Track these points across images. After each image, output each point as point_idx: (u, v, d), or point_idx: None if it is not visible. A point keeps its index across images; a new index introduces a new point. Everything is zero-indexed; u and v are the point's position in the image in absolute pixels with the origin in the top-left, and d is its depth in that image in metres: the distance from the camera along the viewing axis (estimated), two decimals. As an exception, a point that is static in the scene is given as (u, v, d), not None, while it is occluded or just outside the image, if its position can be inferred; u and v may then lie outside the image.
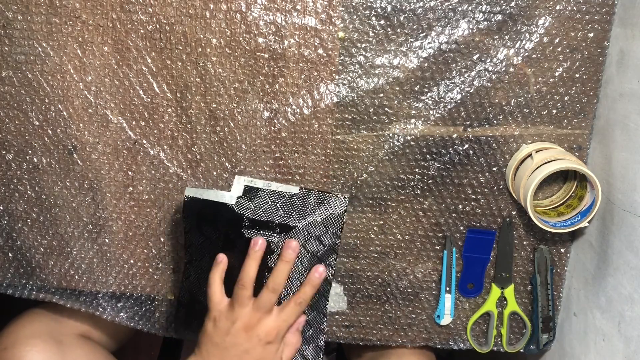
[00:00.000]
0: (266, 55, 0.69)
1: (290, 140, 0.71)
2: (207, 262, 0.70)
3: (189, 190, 0.70)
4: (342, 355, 0.97)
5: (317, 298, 0.72)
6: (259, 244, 0.66)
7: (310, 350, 0.73)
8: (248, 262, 0.66)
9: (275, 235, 0.69)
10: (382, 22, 0.67)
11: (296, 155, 0.72)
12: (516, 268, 0.75)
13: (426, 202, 0.73)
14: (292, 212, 0.70)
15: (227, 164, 0.72)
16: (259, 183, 0.71)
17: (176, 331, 0.77)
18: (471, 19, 0.66)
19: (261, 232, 0.69)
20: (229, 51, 0.69)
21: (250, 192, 0.70)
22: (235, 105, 0.71)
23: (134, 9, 0.68)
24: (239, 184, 0.71)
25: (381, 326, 0.79)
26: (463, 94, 0.69)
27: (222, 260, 0.67)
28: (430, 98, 0.69)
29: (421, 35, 0.67)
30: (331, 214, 0.70)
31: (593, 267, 0.69)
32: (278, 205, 0.70)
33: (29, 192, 0.75)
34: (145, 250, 0.77)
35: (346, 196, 0.71)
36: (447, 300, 0.76)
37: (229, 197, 0.70)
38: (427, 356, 0.81)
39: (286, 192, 0.70)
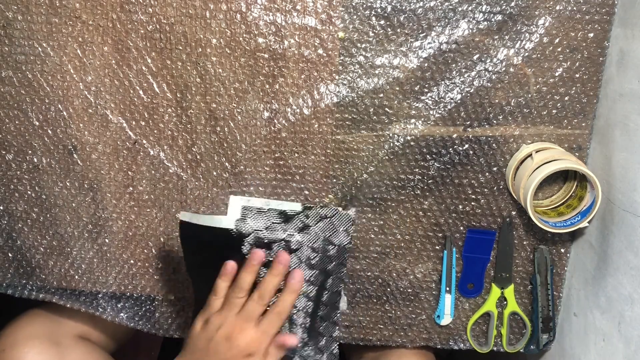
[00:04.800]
0: (266, 55, 0.69)
1: (290, 140, 0.71)
2: (211, 281, 0.67)
3: (183, 214, 0.66)
4: (342, 356, 0.97)
5: (327, 310, 0.72)
6: (257, 257, 0.64)
7: (325, 358, 0.73)
8: (243, 274, 0.64)
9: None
10: (382, 22, 0.67)
11: (296, 155, 0.72)
12: (516, 268, 0.75)
13: (426, 202, 0.73)
14: (295, 230, 0.67)
15: (227, 164, 0.72)
16: (256, 202, 0.67)
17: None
18: (471, 19, 0.66)
19: (265, 251, 0.66)
20: (229, 51, 0.69)
21: (248, 213, 0.66)
22: (235, 105, 0.71)
23: (134, 9, 0.68)
24: (235, 205, 0.66)
25: (381, 326, 0.79)
26: (463, 94, 0.69)
27: (230, 269, 0.64)
28: (430, 98, 0.69)
29: (421, 35, 0.67)
30: (335, 229, 0.69)
31: (593, 267, 0.69)
32: (279, 224, 0.67)
33: (29, 192, 0.75)
34: (145, 250, 0.77)
35: (351, 212, 0.69)
36: (447, 300, 0.76)
37: (227, 221, 0.65)
38: (427, 357, 0.81)
39: (287, 210, 0.67)
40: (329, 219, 0.69)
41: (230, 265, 0.64)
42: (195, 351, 0.64)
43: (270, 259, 0.66)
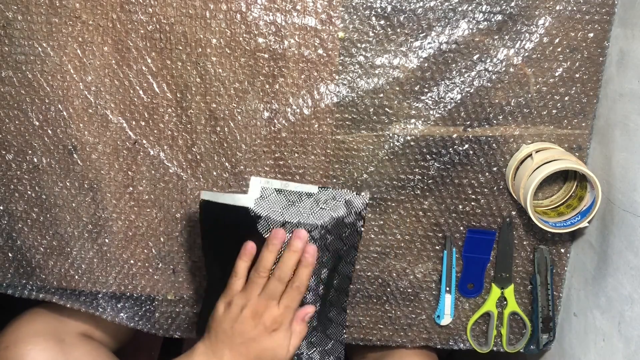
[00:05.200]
0: (266, 55, 0.69)
1: (290, 140, 0.71)
2: (227, 263, 0.68)
3: (204, 193, 0.67)
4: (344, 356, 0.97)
5: (337, 295, 0.72)
6: (278, 236, 0.65)
7: (331, 345, 0.74)
8: (265, 253, 0.65)
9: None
10: (382, 22, 0.67)
11: (296, 155, 0.72)
12: (516, 268, 0.75)
13: (426, 202, 0.73)
14: (311, 212, 0.68)
15: (227, 164, 0.72)
16: (276, 184, 0.69)
17: (198, 332, 0.77)
18: (471, 19, 0.66)
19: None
20: (229, 51, 0.69)
21: (267, 194, 0.68)
22: (235, 105, 0.71)
23: (134, 9, 0.68)
24: (256, 185, 0.69)
25: (381, 326, 0.79)
26: (463, 94, 0.69)
27: (250, 249, 0.66)
28: (430, 98, 0.69)
29: (421, 35, 0.67)
30: (350, 211, 0.69)
31: (593, 267, 0.69)
32: (296, 205, 0.68)
33: (29, 192, 0.75)
34: (145, 250, 0.77)
35: (366, 193, 0.70)
36: (447, 300, 0.76)
37: (246, 199, 0.68)
38: (430, 357, 0.81)
39: (304, 192, 0.69)
40: (344, 201, 0.70)
41: (250, 245, 0.65)
42: (220, 332, 0.65)
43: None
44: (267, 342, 0.64)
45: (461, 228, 0.74)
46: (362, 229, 0.71)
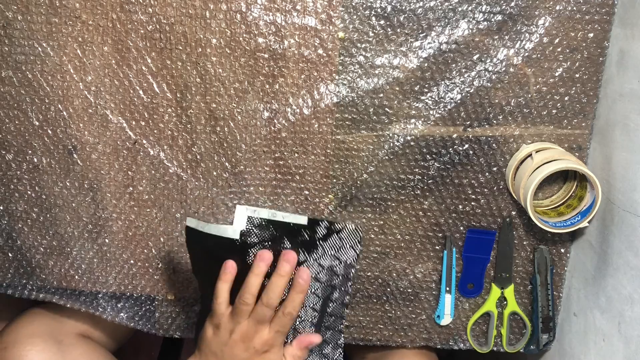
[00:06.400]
0: (266, 55, 0.69)
1: (290, 140, 0.71)
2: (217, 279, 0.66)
3: (189, 220, 0.65)
4: (344, 356, 0.97)
5: (333, 320, 0.71)
6: (264, 258, 0.63)
7: None
8: (251, 277, 0.62)
9: None
10: (382, 22, 0.67)
11: (296, 155, 0.72)
12: (516, 268, 0.75)
13: (426, 202, 0.73)
14: (300, 244, 0.66)
15: (227, 164, 0.72)
16: (263, 213, 0.65)
17: (197, 332, 0.76)
18: (471, 19, 0.66)
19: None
20: (229, 51, 0.69)
21: (253, 224, 0.65)
22: (235, 105, 0.71)
23: (134, 9, 0.68)
24: (241, 215, 0.65)
25: (381, 326, 0.79)
26: (463, 94, 0.69)
27: (230, 269, 0.63)
28: (430, 98, 0.69)
29: (421, 35, 0.67)
30: (344, 246, 0.67)
31: (593, 267, 0.69)
32: (285, 237, 0.65)
33: (29, 192, 0.75)
34: (145, 250, 0.77)
35: (359, 228, 0.68)
36: (447, 300, 0.76)
37: (232, 231, 0.64)
38: (430, 357, 0.81)
39: (293, 223, 0.65)
40: (336, 235, 0.67)
41: (230, 264, 0.63)
42: (209, 355, 0.64)
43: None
44: None
45: (461, 228, 0.74)
46: (356, 261, 0.69)
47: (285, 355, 0.66)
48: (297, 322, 0.68)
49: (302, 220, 0.66)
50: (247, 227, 0.65)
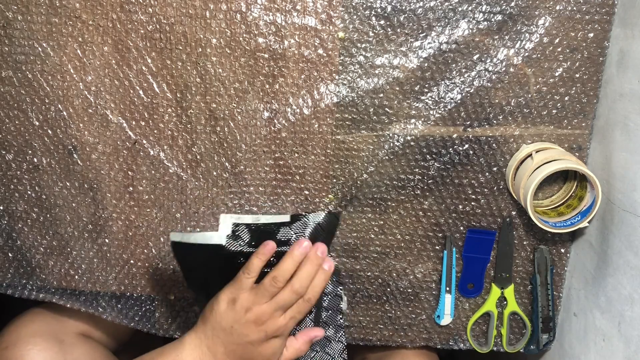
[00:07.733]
0: (266, 55, 0.69)
1: (290, 140, 0.71)
2: (213, 294, 0.66)
3: (173, 235, 0.66)
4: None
5: (330, 314, 0.72)
6: (302, 245, 0.63)
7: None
8: (288, 261, 0.63)
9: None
10: (382, 22, 0.67)
11: (296, 155, 0.72)
12: (516, 268, 0.75)
13: (426, 202, 0.73)
14: (287, 241, 0.66)
15: (227, 164, 0.72)
16: (246, 219, 0.67)
17: None
18: (471, 19, 0.66)
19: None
20: (229, 51, 0.69)
21: (239, 230, 0.66)
22: (235, 105, 0.71)
23: (134, 9, 0.68)
24: (226, 223, 0.66)
25: (381, 326, 0.79)
26: (463, 94, 0.69)
27: (269, 248, 0.63)
28: (430, 98, 0.69)
29: (421, 35, 0.67)
30: (315, 228, 0.68)
31: (593, 267, 0.69)
32: (271, 237, 0.65)
33: (29, 192, 0.75)
34: (145, 250, 0.77)
35: (334, 212, 0.70)
36: (447, 300, 0.76)
37: (218, 237, 0.65)
38: (430, 357, 0.81)
39: (275, 223, 0.66)
40: (317, 225, 0.68)
41: (271, 245, 0.63)
42: (217, 329, 0.63)
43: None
44: (264, 347, 0.64)
45: (461, 228, 0.74)
46: (330, 241, 0.69)
47: (287, 346, 0.66)
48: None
49: (285, 218, 0.67)
50: (233, 230, 0.66)
